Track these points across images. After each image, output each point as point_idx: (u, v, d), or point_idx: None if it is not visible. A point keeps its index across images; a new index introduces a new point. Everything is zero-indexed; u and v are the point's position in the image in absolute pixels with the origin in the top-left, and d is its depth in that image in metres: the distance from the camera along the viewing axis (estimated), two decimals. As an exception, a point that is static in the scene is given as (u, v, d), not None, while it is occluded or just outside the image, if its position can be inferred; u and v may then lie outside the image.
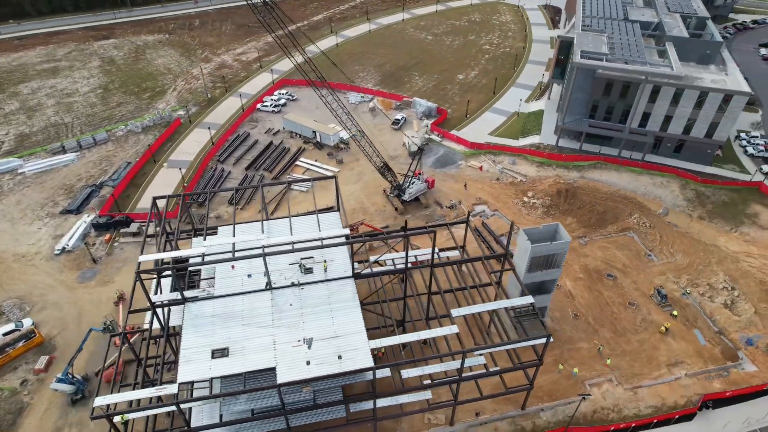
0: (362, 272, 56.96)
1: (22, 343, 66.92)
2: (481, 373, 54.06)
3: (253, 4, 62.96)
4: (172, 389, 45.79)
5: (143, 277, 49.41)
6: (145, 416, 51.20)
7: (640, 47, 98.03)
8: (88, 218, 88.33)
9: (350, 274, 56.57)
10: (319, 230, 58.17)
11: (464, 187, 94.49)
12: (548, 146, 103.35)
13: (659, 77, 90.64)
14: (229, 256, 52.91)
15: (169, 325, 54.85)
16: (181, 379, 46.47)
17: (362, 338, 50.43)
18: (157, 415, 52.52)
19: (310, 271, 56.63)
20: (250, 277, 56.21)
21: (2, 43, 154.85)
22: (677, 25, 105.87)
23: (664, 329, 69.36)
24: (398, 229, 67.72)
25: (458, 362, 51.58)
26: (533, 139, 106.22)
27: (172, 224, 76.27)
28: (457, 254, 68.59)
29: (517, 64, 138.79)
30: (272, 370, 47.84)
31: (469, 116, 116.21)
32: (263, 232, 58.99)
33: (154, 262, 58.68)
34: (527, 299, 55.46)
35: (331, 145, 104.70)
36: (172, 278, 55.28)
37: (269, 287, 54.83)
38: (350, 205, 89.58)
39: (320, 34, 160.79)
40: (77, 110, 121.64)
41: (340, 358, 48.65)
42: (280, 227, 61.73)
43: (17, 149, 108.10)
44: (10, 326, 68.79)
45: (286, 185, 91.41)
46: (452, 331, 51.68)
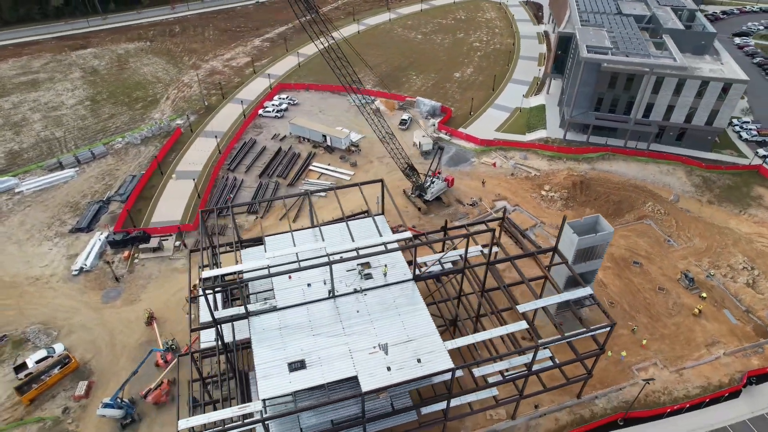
0: (422, 274, 56.77)
1: (57, 369, 63.83)
2: (549, 365, 54.87)
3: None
4: (256, 406, 44.61)
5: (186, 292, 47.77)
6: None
7: (640, 40, 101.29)
8: (102, 235, 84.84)
9: (410, 276, 56.37)
10: (379, 234, 57.64)
11: (482, 184, 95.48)
12: (556, 140, 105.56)
13: (663, 69, 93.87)
14: (293, 266, 51.79)
15: (226, 341, 53.25)
16: (262, 395, 45.26)
17: (437, 340, 50.38)
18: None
19: (369, 276, 56.14)
20: (309, 286, 55.27)
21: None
22: (671, 17, 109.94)
23: (697, 311, 72.02)
24: (439, 228, 67.66)
25: (529, 356, 52.24)
26: (540, 133, 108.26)
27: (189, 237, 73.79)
28: (495, 251, 69.15)
29: (510, 60, 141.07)
30: (352, 379, 47.27)
31: (473, 113, 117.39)
32: (323, 239, 57.85)
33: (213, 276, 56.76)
34: (586, 290, 56.58)
35: (342, 148, 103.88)
36: (227, 293, 53.74)
37: (332, 295, 54.06)
38: (372, 208, 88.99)
39: (307, 37, 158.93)
40: (67, 124, 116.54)
41: (419, 361, 48.46)
42: (330, 234, 60.74)
43: (10, 167, 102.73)
44: (41, 353, 65.46)
45: (326, 191, 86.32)
46: (522, 326, 52.25)
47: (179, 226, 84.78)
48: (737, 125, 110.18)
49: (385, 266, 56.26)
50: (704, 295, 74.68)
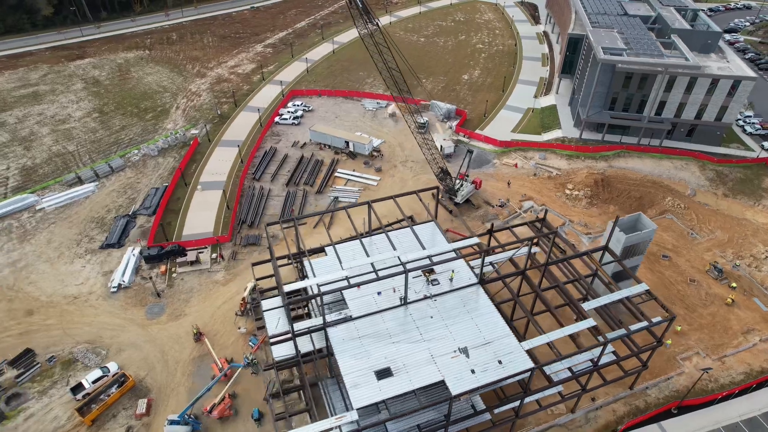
0: (487, 278, 58.31)
1: (115, 388, 63.31)
2: (613, 360, 57.01)
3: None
4: (352, 416, 45.47)
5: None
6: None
7: (651, 41, 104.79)
8: (135, 251, 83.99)
9: (475, 281, 57.84)
10: (446, 241, 58.96)
11: (507, 185, 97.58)
12: (573, 139, 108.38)
13: (676, 68, 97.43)
14: (371, 276, 52.73)
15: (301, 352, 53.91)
16: (356, 404, 46.14)
17: (513, 341, 51.97)
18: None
19: (436, 282, 57.42)
20: (379, 294, 56.26)
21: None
22: (677, 18, 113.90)
23: (730, 300, 75.36)
24: (484, 232, 69.38)
25: (597, 351, 54.29)
26: (556, 133, 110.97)
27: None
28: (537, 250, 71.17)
29: (514, 61, 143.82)
30: (440, 383, 48.49)
31: (487, 115, 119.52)
32: (393, 247, 58.63)
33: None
34: (642, 287, 58.95)
35: (365, 153, 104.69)
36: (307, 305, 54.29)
37: (404, 302, 55.16)
38: (404, 211, 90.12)
39: (311, 41, 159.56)
40: (78, 137, 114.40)
41: (500, 363, 49.98)
42: (395, 241, 61.51)
43: (26, 184, 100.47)
44: (96, 373, 64.73)
45: (383, 200, 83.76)
46: (590, 324, 54.23)
47: (217, 237, 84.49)
48: (740, 120, 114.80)
49: (452, 272, 57.58)
50: (734, 285, 78.11)
